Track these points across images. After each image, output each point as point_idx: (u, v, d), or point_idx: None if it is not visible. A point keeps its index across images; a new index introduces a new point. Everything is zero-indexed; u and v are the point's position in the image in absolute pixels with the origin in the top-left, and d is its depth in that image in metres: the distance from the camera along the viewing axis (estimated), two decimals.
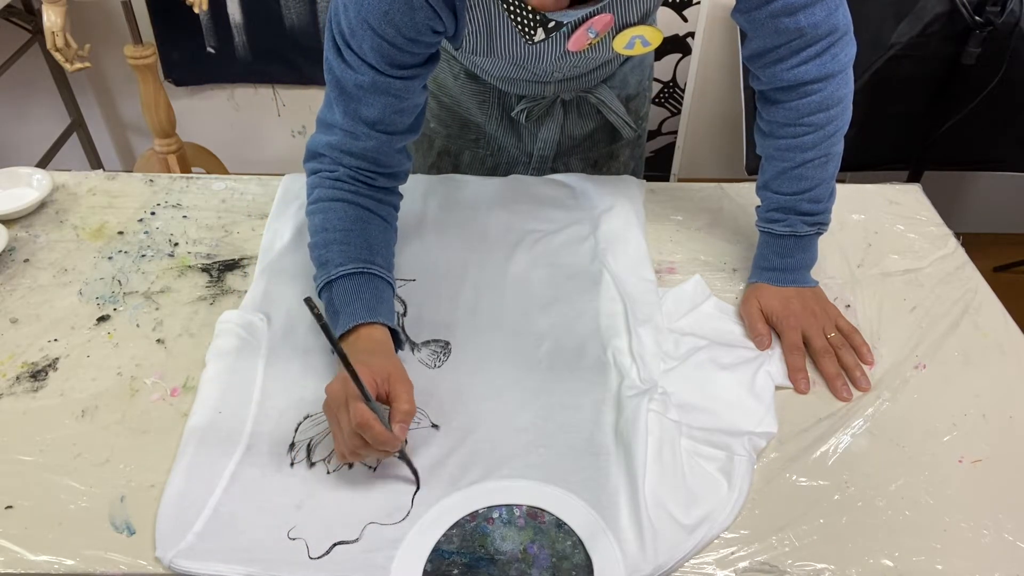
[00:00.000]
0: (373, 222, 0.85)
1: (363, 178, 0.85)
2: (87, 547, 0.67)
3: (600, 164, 1.19)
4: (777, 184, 0.90)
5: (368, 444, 0.68)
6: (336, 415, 0.71)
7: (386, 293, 0.82)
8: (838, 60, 0.82)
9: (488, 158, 1.17)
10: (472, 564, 0.66)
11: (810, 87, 0.83)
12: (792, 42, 0.81)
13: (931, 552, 0.68)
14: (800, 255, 0.90)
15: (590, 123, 1.13)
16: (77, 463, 0.74)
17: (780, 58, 0.83)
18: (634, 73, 1.12)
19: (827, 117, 0.85)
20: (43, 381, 0.82)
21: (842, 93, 0.84)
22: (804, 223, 0.89)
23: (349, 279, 0.80)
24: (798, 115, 0.85)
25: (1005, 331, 0.90)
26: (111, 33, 2.14)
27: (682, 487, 0.71)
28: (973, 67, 1.67)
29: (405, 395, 0.72)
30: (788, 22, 0.80)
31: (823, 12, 0.79)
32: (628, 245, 0.97)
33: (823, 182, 0.88)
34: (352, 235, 0.83)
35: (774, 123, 0.88)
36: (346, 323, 0.77)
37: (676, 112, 2.31)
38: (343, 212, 0.84)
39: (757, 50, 0.85)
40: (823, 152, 0.86)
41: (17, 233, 1.02)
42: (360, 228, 0.83)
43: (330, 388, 0.72)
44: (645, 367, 0.82)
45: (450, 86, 1.11)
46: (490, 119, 1.12)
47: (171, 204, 1.08)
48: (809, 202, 0.88)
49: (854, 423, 0.79)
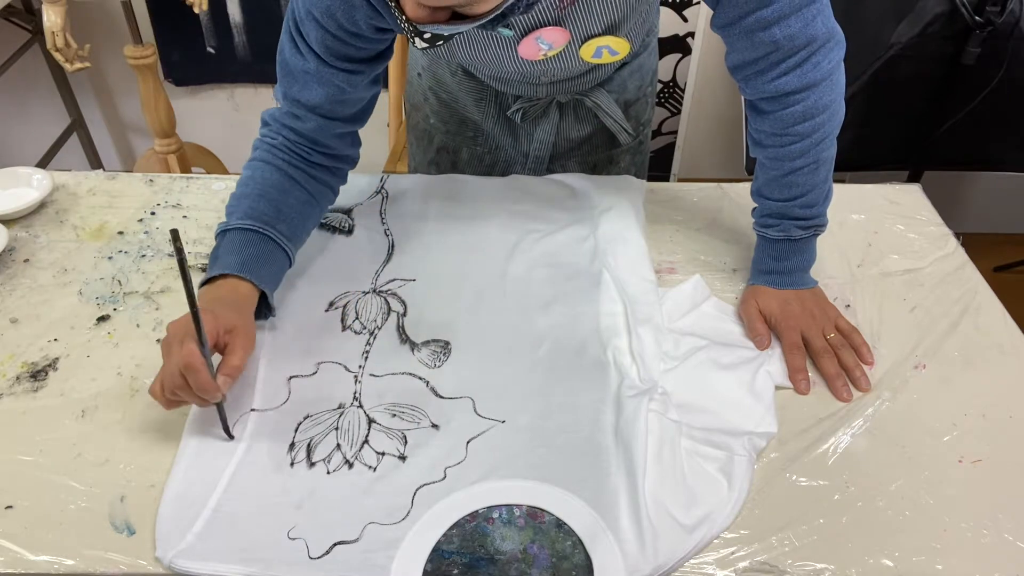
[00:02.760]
0: (293, 192, 0.88)
1: (300, 151, 0.89)
2: (87, 547, 0.67)
3: (599, 168, 1.18)
4: (769, 191, 0.90)
5: (189, 388, 0.70)
6: (169, 350, 0.72)
7: (275, 257, 0.84)
8: (820, 68, 0.81)
9: (486, 156, 1.17)
10: (472, 564, 0.66)
11: (793, 97, 0.82)
12: (770, 55, 0.81)
13: (931, 552, 0.68)
14: (797, 257, 0.90)
15: (587, 127, 1.12)
16: (77, 463, 0.74)
17: (760, 71, 0.83)
18: (633, 78, 1.12)
19: (813, 125, 0.83)
20: (43, 381, 0.82)
21: (827, 100, 0.83)
22: (798, 227, 0.89)
23: (242, 233, 0.82)
24: (783, 125, 0.84)
25: (1005, 331, 0.90)
26: (111, 33, 2.14)
27: (682, 487, 0.71)
28: (973, 67, 1.67)
29: (241, 351, 0.74)
30: (763, 36, 0.79)
31: (799, 24, 0.78)
32: (628, 245, 0.97)
33: (815, 187, 0.87)
34: (264, 198, 0.85)
35: (762, 132, 0.87)
36: (216, 270, 0.80)
37: (676, 112, 2.31)
38: (267, 175, 0.87)
39: (737, 63, 0.84)
40: (812, 159, 0.85)
41: (17, 233, 1.02)
42: (276, 193, 0.86)
43: (173, 323, 0.74)
44: (645, 367, 0.82)
45: (448, 83, 1.12)
46: (487, 117, 1.12)
47: (171, 204, 1.08)
48: (802, 207, 0.88)
49: (854, 423, 0.79)
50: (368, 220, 1.03)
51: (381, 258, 0.98)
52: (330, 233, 1.01)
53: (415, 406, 0.79)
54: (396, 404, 0.79)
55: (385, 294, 0.92)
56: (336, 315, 0.90)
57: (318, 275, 0.95)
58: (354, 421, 0.78)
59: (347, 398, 0.80)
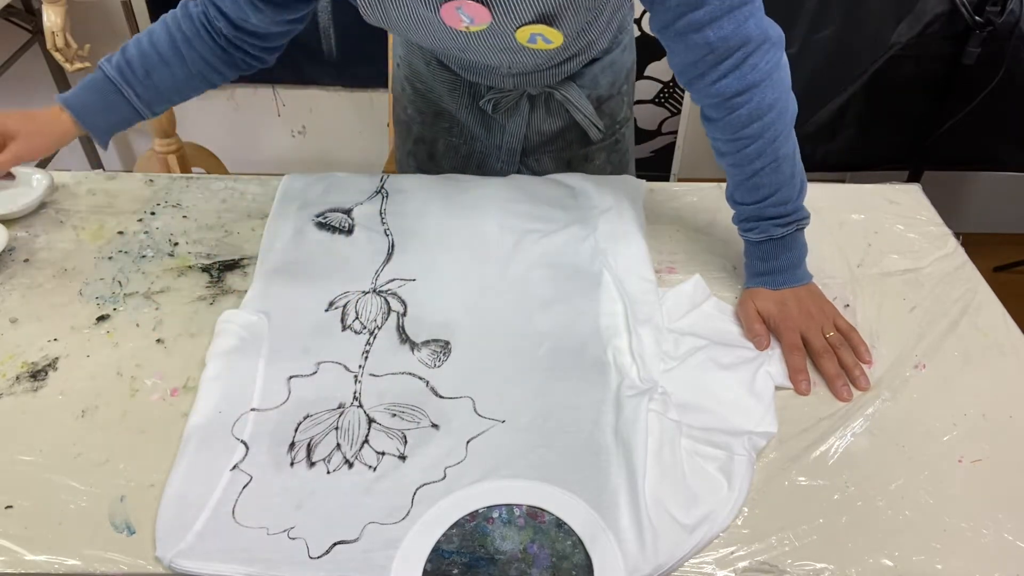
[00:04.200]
0: (174, 63, 0.96)
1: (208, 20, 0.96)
2: (87, 547, 0.67)
3: (575, 165, 1.19)
4: (740, 195, 0.90)
5: None
6: None
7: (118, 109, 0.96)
8: (758, 70, 0.81)
9: (461, 147, 1.18)
10: (472, 564, 0.66)
11: (735, 101, 0.83)
12: (706, 57, 0.81)
13: (931, 552, 0.68)
14: (785, 255, 0.90)
15: (558, 121, 1.13)
16: (77, 463, 0.74)
17: (699, 74, 0.83)
18: (605, 75, 1.12)
19: (762, 126, 0.84)
20: (43, 381, 0.82)
21: (772, 99, 0.83)
22: (775, 226, 0.89)
23: (103, 80, 0.95)
24: (733, 130, 0.85)
25: (1005, 331, 0.90)
26: (111, 33, 2.14)
27: (682, 487, 0.71)
28: (973, 67, 1.68)
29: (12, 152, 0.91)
30: (697, 38, 0.80)
31: (731, 25, 0.79)
32: (628, 245, 0.98)
33: (782, 185, 0.87)
34: (144, 57, 0.95)
35: (718, 140, 0.88)
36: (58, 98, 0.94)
37: (676, 112, 2.31)
38: (162, 36, 0.95)
39: (677, 67, 0.85)
40: (771, 159, 0.85)
41: (17, 233, 1.02)
42: (156, 56, 0.95)
43: None
44: (645, 367, 0.82)
45: (423, 73, 1.14)
46: (460, 108, 1.14)
47: (171, 204, 1.08)
48: (774, 206, 0.88)
49: (854, 423, 0.79)
50: (368, 220, 1.03)
51: (381, 258, 0.98)
52: (330, 233, 1.01)
53: (415, 406, 0.79)
54: (396, 404, 0.79)
55: (385, 294, 0.92)
56: (336, 315, 0.90)
57: (318, 275, 0.95)
58: (354, 421, 0.78)
59: (347, 398, 0.80)
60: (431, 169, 1.21)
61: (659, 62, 2.22)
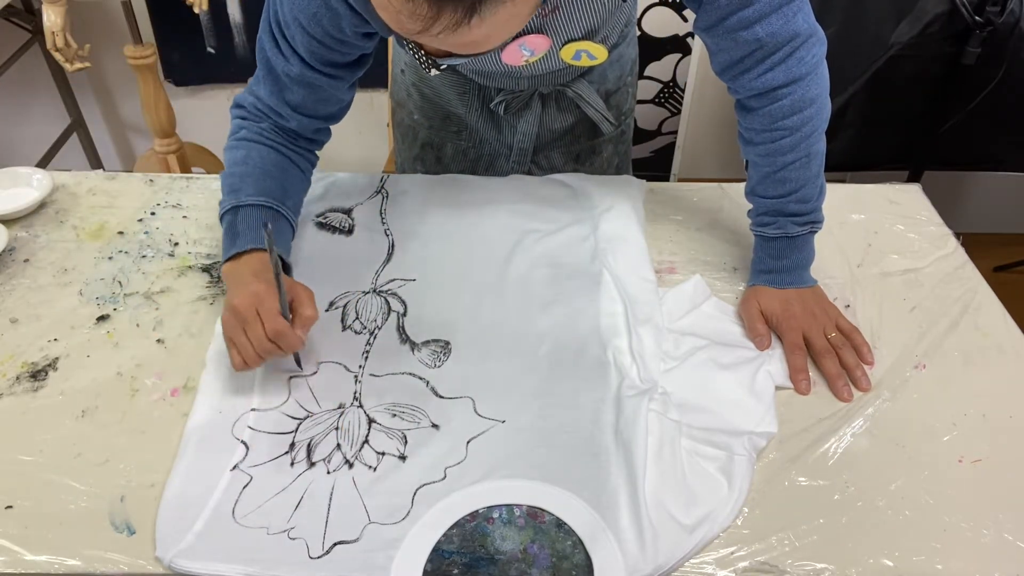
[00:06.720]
0: (291, 171, 0.92)
1: (284, 138, 0.92)
2: (87, 547, 0.67)
3: (583, 159, 1.19)
4: (763, 188, 0.90)
5: (279, 349, 0.76)
6: (244, 326, 0.76)
7: (286, 231, 0.89)
8: (804, 63, 0.83)
9: (470, 150, 1.18)
10: (472, 564, 0.66)
11: (780, 92, 0.84)
12: (754, 52, 0.82)
13: (931, 552, 0.68)
14: (795, 255, 0.90)
15: (569, 117, 1.14)
16: (77, 463, 0.74)
17: (746, 69, 0.84)
18: (613, 68, 1.13)
19: (801, 119, 0.85)
20: (43, 381, 0.82)
21: (814, 93, 0.84)
22: (794, 223, 0.89)
23: (259, 209, 0.86)
24: (772, 120, 0.86)
25: (1005, 331, 0.90)
26: (111, 33, 2.14)
27: (682, 487, 0.71)
28: (973, 67, 1.67)
29: (308, 302, 0.80)
30: (746, 35, 0.81)
31: (780, 21, 0.80)
32: (628, 245, 0.98)
33: (808, 182, 0.88)
34: (270, 176, 0.89)
35: (752, 130, 0.89)
36: (243, 244, 0.83)
37: (676, 112, 2.31)
38: (265, 154, 0.90)
39: (723, 64, 0.86)
40: (803, 153, 0.86)
41: (17, 233, 1.02)
42: (279, 172, 0.90)
43: (237, 303, 0.77)
44: (645, 367, 0.82)
45: (431, 78, 1.13)
46: (470, 111, 1.13)
47: (171, 204, 1.08)
48: (796, 203, 0.88)
49: (854, 423, 0.79)
50: (368, 220, 1.03)
51: (381, 258, 0.98)
52: (330, 233, 1.01)
53: (415, 406, 0.79)
54: (396, 404, 0.79)
55: (385, 294, 0.92)
56: (336, 315, 0.90)
57: (318, 275, 0.94)
58: (354, 421, 0.78)
59: (347, 398, 0.80)
60: (438, 173, 1.20)
61: (659, 62, 2.22)
